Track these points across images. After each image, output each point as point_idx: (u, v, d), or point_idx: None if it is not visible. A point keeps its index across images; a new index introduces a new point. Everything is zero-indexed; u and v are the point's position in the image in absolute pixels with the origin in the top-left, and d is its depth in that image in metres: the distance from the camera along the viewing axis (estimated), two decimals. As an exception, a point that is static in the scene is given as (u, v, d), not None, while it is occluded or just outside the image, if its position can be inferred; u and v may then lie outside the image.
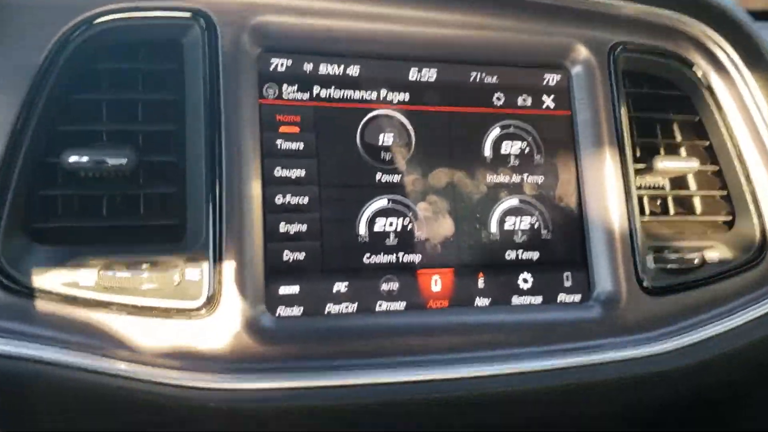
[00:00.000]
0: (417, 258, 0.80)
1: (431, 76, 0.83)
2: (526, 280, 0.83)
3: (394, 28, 0.81)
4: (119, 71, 0.75)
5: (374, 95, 0.81)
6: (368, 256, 0.78)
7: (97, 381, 0.67)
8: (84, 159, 0.70)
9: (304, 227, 0.76)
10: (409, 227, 0.80)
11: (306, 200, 0.77)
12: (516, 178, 0.85)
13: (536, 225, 0.85)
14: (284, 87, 0.78)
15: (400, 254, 0.79)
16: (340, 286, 0.76)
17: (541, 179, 0.86)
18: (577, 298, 0.84)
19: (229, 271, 0.71)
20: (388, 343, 0.76)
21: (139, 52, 0.76)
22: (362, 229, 0.78)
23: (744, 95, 0.93)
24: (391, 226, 0.79)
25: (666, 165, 0.91)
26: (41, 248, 0.69)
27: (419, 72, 0.83)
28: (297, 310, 0.75)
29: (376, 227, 0.79)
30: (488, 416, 0.81)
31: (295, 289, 0.75)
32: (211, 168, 0.72)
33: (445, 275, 0.80)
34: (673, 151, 0.95)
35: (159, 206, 0.74)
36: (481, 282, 0.81)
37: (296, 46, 0.79)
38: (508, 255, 0.83)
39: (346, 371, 0.73)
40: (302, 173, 0.77)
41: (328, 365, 0.73)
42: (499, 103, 0.85)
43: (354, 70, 0.80)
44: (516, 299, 0.82)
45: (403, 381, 0.74)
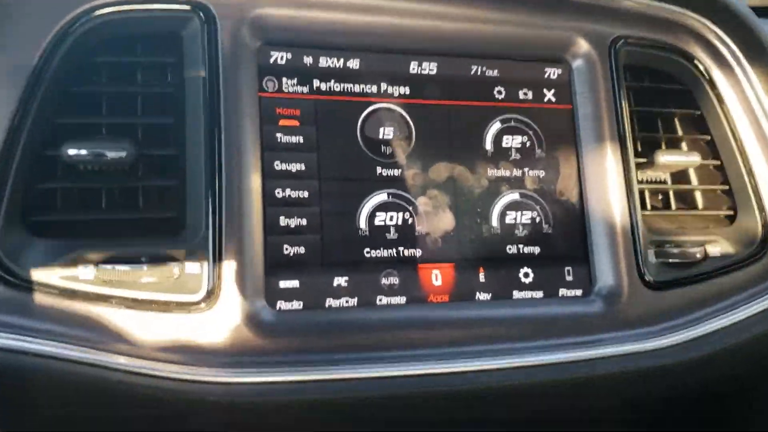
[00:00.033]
0: (417, 252, 0.79)
1: (432, 69, 0.83)
2: (527, 275, 0.83)
3: (394, 21, 0.81)
4: (118, 64, 0.75)
5: (374, 89, 0.81)
6: (368, 250, 0.78)
7: (96, 375, 0.67)
8: (83, 152, 0.70)
9: (304, 221, 0.76)
10: (409, 221, 0.79)
11: (306, 194, 0.76)
12: (517, 172, 0.84)
13: (537, 219, 0.84)
14: (284, 80, 0.77)
15: (401, 248, 0.79)
16: (341, 280, 0.76)
17: (542, 173, 0.85)
18: (579, 292, 0.84)
19: (228, 264, 0.71)
20: (388, 337, 0.75)
21: (138, 44, 0.76)
22: (362, 223, 0.78)
23: (746, 89, 0.92)
24: (391, 220, 0.79)
25: (667, 159, 0.90)
26: (40, 242, 0.69)
27: (420, 65, 0.82)
28: (297, 304, 0.74)
29: (376, 221, 0.78)
30: (489, 410, 0.80)
31: (295, 283, 0.74)
32: (210, 161, 0.72)
33: (446, 269, 0.80)
34: (674, 146, 0.95)
35: (158, 199, 0.74)
36: (482, 276, 0.81)
37: (296, 39, 0.78)
38: (509, 249, 0.83)
39: (346, 365, 0.73)
40: (302, 167, 0.77)
41: (328, 359, 0.73)
42: (500, 96, 0.85)
43: (354, 64, 0.80)
44: (517, 294, 0.82)
45: (403, 375, 0.74)
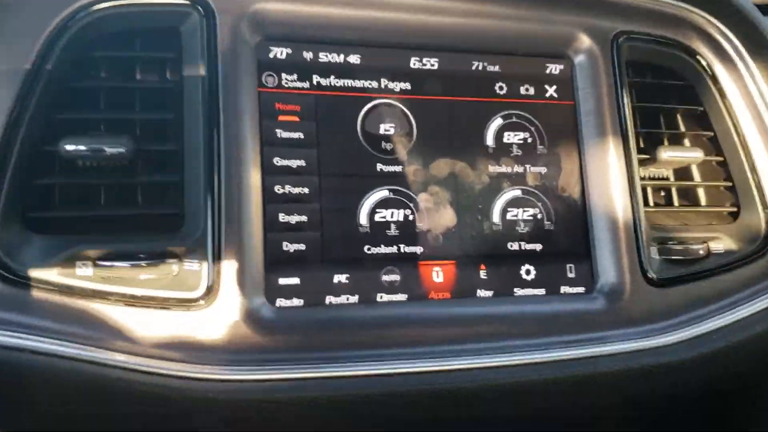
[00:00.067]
0: (418, 249, 0.79)
1: (433, 64, 0.82)
2: (528, 272, 0.82)
3: (394, 16, 0.81)
4: (117, 59, 0.75)
5: (375, 84, 0.80)
6: (369, 247, 0.77)
7: (95, 372, 0.67)
8: (81, 147, 0.70)
9: (304, 217, 0.75)
10: (410, 218, 0.79)
11: (306, 190, 0.76)
12: (518, 169, 0.84)
13: (539, 216, 0.84)
14: (284, 75, 0.77)
15: (402, 245, 0.78)
16: (341, 278, 0.76)
17: (543, 170, 0.85)
18: (581, 289, 0.83)
19: (228, 261, 0.70)
20: (389, 335, 0.75)
21: (137, 39, 0.76)
22: (363, 219, 0.77)
23: (748, 85, 0.92)
24: (392, 216, 0.78)
25: (670, 155, 0.90)
26: (38, 238, 0.69)
27: (420, 61, 0.82)
28: (297, 301, 0.74)
29: (377, 218, 0.78)
30: (490, 408, 0.80)
31: (295, 280, 0.74)
32: (209, 157, 0.72)
33: (447, 266, 0.80)
34: (677, 142, 0.94)
35: (157, 195, 0.74)
36: (483, 273, 0.81)
37: (296, 34, 0.78)
38: (511, 246, 0.82)
39: (346, 362, 0.72)
40: (302, 163, 0.76)
41: (329, 356, 0.72)
42: (501, 92, 0.85)
43: (354, 59, 0.80)
44: (519, 291, 0.81)
45: (404, 372, 0.73)
